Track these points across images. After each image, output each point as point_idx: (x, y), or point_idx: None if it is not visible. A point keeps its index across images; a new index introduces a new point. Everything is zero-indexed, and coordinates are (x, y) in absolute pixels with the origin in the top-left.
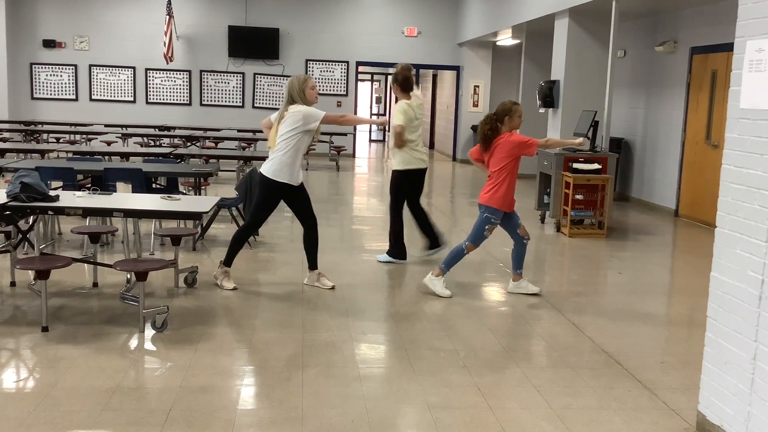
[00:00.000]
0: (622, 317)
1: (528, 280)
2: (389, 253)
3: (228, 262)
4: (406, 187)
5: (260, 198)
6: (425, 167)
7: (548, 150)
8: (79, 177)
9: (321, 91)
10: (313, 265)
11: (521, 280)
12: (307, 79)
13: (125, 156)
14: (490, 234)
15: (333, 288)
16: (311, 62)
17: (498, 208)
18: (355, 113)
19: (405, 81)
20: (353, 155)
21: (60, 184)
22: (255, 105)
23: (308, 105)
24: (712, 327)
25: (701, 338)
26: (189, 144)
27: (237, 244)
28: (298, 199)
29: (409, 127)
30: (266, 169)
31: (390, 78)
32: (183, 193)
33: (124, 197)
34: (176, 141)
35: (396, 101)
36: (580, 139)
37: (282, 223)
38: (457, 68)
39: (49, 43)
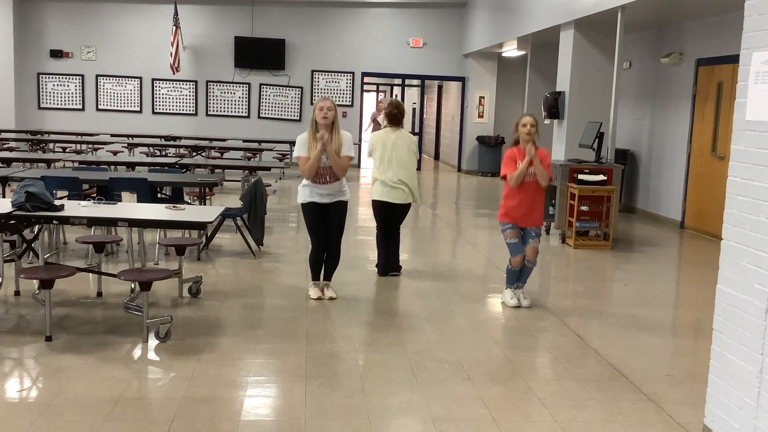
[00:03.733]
0: (627, 329)
1: (523, 292)
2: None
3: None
4: (377, 215)
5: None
6: (387, 201)
7: (553, 161)
8: (85, 186)
9: None
10: (313, 276)
11: (518, 290)
12: (318, 101)
13: (131, 166)
14: (515, 239)
15: (330, 299)
16: (317, 73)
17: (498, 220)
18: (360, 123)
19: (389, 116)
20: (358, 166)
21: (65, 193)
22: (261, 115)
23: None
24: (718, 340)
25: (707, 351)
26: (194, 154)
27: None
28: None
29: (375, 154)
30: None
31: (395, 90)
32: (188, 203)
33: (129, 207)
34: (182, 151)
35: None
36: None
37: (287, 234)
38: (462, 79)
39: (56, 53)
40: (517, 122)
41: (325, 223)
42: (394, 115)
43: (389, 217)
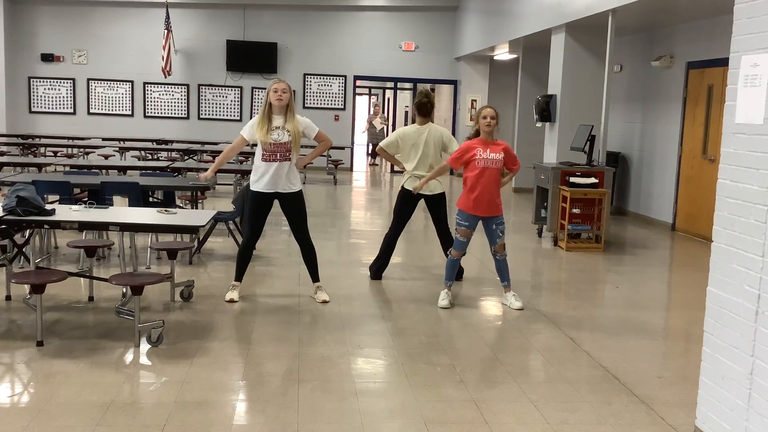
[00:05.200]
0: (619, 332)
1: (514, 295)
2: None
3: (312, 277)
4: (403, 205)
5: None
6: (416, 192)
7: (545, 164)
8: (76, 191)
9: (319, 105)
10: (312, 278)
11: (507, 292)
12: (272, 83)
13: (122, 169)
14: (464, 238)
15: (323, 302)
16: (309, 76)
17: (460, 209)
18: (353, 126)
19: (419, 106)
20: (351, 169)
21: (56, 197)
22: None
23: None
24: (709, 342)
25: (698, 353)
26: (186, 157)
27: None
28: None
29: (404, 152)
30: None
31: (387, 93)
32: (180, 207)
33: (121, 211)
34: (174, 154)
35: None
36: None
37: (279, 237)
38: (454, 82)
39: (48, 57)
40: (478, 114)
41: (279, 216)
42: (424, 105)
43: (412, 210)
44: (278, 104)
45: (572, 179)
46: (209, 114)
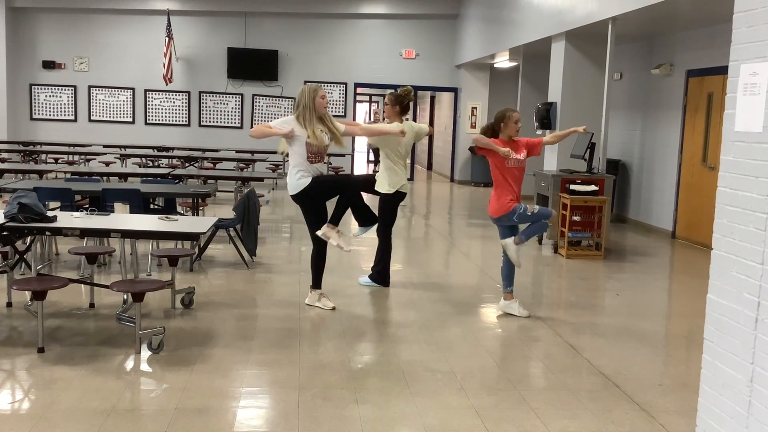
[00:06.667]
0: (619, 339)
1: (520, 303)
2: (371, 276)
3: (316, 283)
4: (393, 209)
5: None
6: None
7: (545, 171)
8: (77, 197)
9: None
10: (316, 284)
11: (512, 300)
12: (318, 89)
13: (123, 177)
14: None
15: (333, 309)
16: (310, 83)
17: (490, 214)
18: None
19: (406, 108)
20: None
21: (58, 204)
22: (254, 126)
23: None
24: (709, 349)
25: (698, 360)
26: (187, 165)
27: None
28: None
29: (395, 146)
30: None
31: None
32: (181, 214)
33: (122, 218)
34: (175, 162)
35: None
36: (583, 127)
37: (280, 244)
38: (455, 90)
39: (49, 64)
40: (507, 118)
41: (323, 205)
42: (407, 105)
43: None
44: (324, 111)
45: (572, 187)
46: (210, 121)
